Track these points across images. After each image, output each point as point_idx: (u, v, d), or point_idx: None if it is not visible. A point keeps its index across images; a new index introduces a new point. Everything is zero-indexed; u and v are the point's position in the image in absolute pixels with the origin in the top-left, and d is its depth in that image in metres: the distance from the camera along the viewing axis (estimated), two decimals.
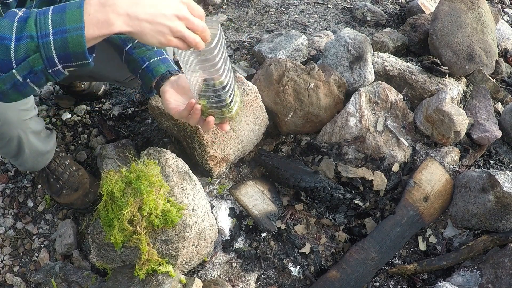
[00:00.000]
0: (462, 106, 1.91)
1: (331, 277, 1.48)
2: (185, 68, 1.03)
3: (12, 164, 1.83)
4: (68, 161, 1.64)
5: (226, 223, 1.59)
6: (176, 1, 0.87)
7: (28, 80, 0.82)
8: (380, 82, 1.84)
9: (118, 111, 1.99)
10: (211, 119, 1.10)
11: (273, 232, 1.58)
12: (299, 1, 2.68)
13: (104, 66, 1.48)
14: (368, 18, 2.50)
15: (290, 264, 1.54)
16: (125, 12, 0.81)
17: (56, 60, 0.80)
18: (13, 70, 0.79)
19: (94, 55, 0.87)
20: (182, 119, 1.13)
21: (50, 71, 0.82)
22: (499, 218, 1.50)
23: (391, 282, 1.55)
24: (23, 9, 0.82)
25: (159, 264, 1.29)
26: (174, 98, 1.15)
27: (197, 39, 0.91)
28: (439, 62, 1.90)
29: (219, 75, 1.01)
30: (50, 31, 0.78)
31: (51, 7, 0.81)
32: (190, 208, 1.34)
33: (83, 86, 1.99)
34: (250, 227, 1.60)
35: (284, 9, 2.60)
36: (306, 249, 1.57)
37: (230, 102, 1.07)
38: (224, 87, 1.04)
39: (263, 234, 1.59)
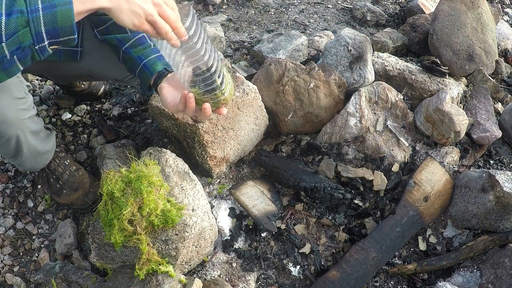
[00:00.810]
0: (462, 106, 1.91)
1: (331, 277, 1.48)
2: (171, 62, 1.05)
3: (12, 164, 1.83)
4: (68, 161, 1.64)
5: (226, 223, 1.59)
6: None
7: (15, 56, 0.84)
8: (380, 82, 1.84)
9: (118, 111, 1.99)
10: (207, 105, 1.10)
11: (273, 232, 1.58)
12: (299, 1, 2.68)
13: (103, 65, 1.48)
14: (368, 18, 2.50)
15: (290, 264, 1.54)
16: None
17: (44, 35, 0.83)
18: (2, 43, 0.81)
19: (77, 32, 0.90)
20: (179, 112, 1.15)
21: (37, 47, 0.84)
22: (499, 218, 1.50)
23: (391, 282, 1.55)
24: None
25: (159, 264, 1.29)
26: (170, 94, 1.17)
27: (167, 28, 0.95)
28: (439, 62, 1.90)
29: (201, 56, 1.01)
30: (40, 6, 0.81)
31: None
32: (190, 208, 1.34)
33: (83, 86, 1.99)
34: (250, 227, 1.60)
35: (284, 9, 2.60)
36: (306, 249, 1.57)
37: (221, 84, 1.07)
38: (210, 69, 1.04)
39: (263, 234, 1.59)
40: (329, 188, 1.61)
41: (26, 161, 1.47)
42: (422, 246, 1.61)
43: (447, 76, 1.89)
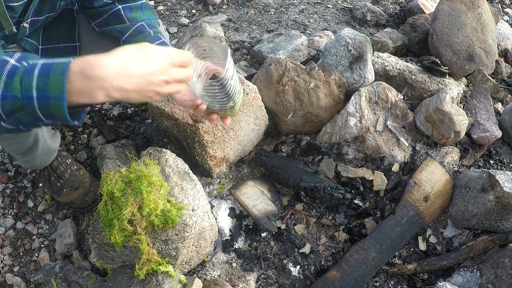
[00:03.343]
0: (462, 106, 1.91)
1: (331, 277, 1.48)
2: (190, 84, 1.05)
3: (13, 164, 1.83)
4: (70, 160, 1.65)
5: (226, 223, 1.59)
6: (161, 59, 0.86)
7: (20, 126, 0.84)
8: (380, 82, 1.84)
9: (118, 111, 1.99)
10: (214, 116, 1.13)
11: (273, 232, 1.58)
12: (299, 1, 2.68)
13: None
14: (368, 18, 2.50)
15: (290, 264, 1.54)
16: (110, 85, 0.79)
17: (42, 117, 0.80)
18: (1, 123, 0.80)
19: (84, 114, 0.90)
20: (185, 107, 1.17)
21: (38, 122, 0.83)
22: (499, 218, 1.50)
23: (391, 282, 1.55)
24: (17, 55, 0.80)
25: (159, 264, 1.29)
26: None
27: (181, 96, 0.99)
28: (439, 62, 1.89)
29: (226, 97, 1.05)
30: (34, 95, 0.77)
31: (39, 64, 0.78)
32: (190, 208, 1.34)
33: None
34: (250, 227, 1.60)
35: (284, 9, 2.61)
36: (306, 249, 1.57)
37: (233, 107, 1.09)
38: (229, 102, 1.06)
39: (263, 234, 1.59)
40: (329, 188, 1.61)
41: (38, 157, 1.49)
42: (422, 246, 1.61)
43: (447, 76, 1.89)
